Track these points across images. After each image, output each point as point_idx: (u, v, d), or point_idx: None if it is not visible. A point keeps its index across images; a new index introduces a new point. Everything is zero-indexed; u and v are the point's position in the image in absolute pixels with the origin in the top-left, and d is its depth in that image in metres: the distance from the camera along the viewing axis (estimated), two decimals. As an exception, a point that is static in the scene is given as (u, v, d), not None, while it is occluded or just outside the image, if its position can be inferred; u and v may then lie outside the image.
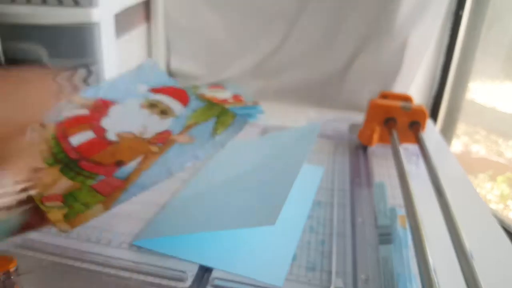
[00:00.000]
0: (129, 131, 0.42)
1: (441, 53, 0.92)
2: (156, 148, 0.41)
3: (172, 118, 0.44)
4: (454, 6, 0.88)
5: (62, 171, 0.38)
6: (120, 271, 0.41)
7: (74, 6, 0.57)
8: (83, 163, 0.39)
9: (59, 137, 0.40)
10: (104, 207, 0.36)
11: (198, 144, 0.42)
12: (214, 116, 0.46)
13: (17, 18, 0.56)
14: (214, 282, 0.40)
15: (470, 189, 0.63)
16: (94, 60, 0.60)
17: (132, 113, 0.44)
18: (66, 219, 0.35)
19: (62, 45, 0.59)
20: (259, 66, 0.94)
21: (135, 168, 0.40)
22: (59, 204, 0.36)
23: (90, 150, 0.40)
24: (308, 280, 0.41)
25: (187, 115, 0.45)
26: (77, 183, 0.38)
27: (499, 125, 1.14)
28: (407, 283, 0.40)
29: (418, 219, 0.41)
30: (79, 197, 0.37)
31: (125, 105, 0.44)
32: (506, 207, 1.07)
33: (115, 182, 0.38)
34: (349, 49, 0.88)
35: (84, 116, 0.42)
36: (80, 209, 0.36)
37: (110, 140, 0.41)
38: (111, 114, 0.43)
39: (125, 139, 0.42)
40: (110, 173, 0.39)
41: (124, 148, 0.41)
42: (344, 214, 0.52)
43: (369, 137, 0.66)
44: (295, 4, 0.86)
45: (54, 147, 0.40)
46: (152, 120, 0.44)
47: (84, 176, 0.38)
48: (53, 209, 0.35)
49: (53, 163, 0.39)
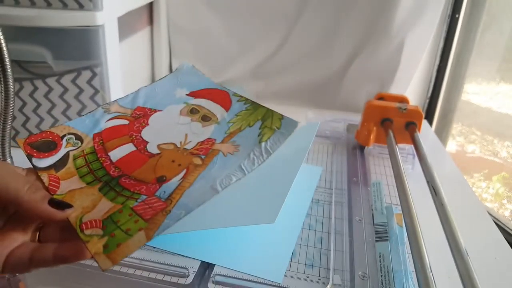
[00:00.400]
0: (169, 142, 0.38)
1: (437, 54, 0.93)
2: (198, 160, 0.37)
3: (214, 124, 0.40)
4: (450, 9, 0.89)
5: (102, 191, 0.34)
6: (123, 268, 0.41)
7: (79, 9, 0.58)
8: (123, 180, 0.35)
9: (98, 151, 0.36)
10: (146, 236, 0.31)
11: (243, 153, 0.38)
12: (258, 119, 0.40)
13: (22, 21, 0.57)
14: (215, 278, 0.41)
15: (465, 188, 0.64)
16: (98, 63, 0.61)
17: (172, 122, 0.40)
18: (106, 251, 0.30)
19: (66, 47, 0.60)
20: (259, 68, 0.95)
21: (177, 186, 0.35)
22: (99, 231, 0.31)
23: (130, 165, 0.36)
24: (307, 276, 0.42)
25: (229, 120, 0.41)
26: (117, 205, 0.33)
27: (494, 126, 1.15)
28: (403, 280, 0.40)
29: (414, 217, 0.42)
30: (120, 223, 0.32)
31: (164, 113, 0.40)
32: (501, 205, 1.08)
33: (157, 203, 0.34)
34: (347, 51, 0.89)
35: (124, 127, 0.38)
36: (122, 237, 0.31)
37: (151, 153, 0.38)
38: (152, 123, 0.39)
39: (166, 151, 0.38)
40: (152, 192, 0.35)
41: (165, 162, 0.37)
42: (342, 212, 0.53)
43: (366, 138, 0.67)
44: (294, 7, 0.87)
45: (92, 162, 0.36)
46: (193, 128, 0.40)
47: (125, 197, 0.34)
48: (93, 239, 0.30)
49: (92, 181, 0.34)
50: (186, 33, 0.93)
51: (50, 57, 0.59)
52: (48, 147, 0.35)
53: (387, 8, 0.81)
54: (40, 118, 0.64)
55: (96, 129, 0.38)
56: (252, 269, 0.42)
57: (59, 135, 0.36)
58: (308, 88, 0.94)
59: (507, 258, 0.48)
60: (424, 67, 0.94)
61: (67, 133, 0.36)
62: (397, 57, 0.85)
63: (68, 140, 0.36)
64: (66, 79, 0.62)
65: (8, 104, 0.49)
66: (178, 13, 0.90)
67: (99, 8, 0.58)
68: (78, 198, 0.33)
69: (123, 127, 0.38)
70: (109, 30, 0.61)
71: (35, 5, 0.58)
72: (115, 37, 0.64)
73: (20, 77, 0.61)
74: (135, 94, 0.41)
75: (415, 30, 0.82)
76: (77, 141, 0.36)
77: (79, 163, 0.35)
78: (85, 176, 0.35)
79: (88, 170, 0.35)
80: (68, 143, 0.36)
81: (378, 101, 0.69)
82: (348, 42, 0.88)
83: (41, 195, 0.28)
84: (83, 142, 0.36)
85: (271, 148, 0.39)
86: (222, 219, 0.46)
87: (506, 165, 1.12)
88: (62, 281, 0.41)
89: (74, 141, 0.36)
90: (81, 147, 0.36)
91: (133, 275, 0.41)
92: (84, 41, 0.59)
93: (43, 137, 0.35)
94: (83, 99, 0.63)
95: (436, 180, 0.47)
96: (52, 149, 0.35)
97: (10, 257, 0.28)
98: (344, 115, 0.80)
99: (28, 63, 0.60)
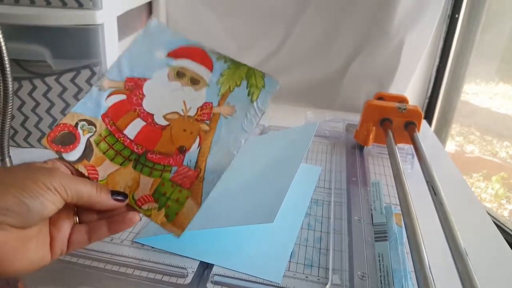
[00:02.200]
0: (173, 111, 0.40)
1: (436, 55, 0.93)
2: (205, 126, 0.39)
3: (205, 87, 0.41)
4: (450, 9, 0.89)
5: (136, 169, 0.36)
6: (122, 268, 0.42)
7: (78, 8, 0.58)
8: (150, 155, 0.37)
9: (114, 132, 0.38)
10: (195, 203, 0.35)
11: (240, 114, 0.40)
12: (243, 78, 0.42)
13: (21, 19, 0.57)
14: (214, 278, 0.41)
15: (464, 188, 0.64)
16: (97, 62, 0.61)
17: (165, 88, 0.41)
18: (169, 220, 0.34)
19: (65, 46, 0.59)
20: (258, 68, 0.95)
21: (198, 154, 0.38)
22: (154, 205, 0.35)
23: (149, 140, 0.38)
24: (306, 276, 0.42)
25: (217, 81, 0.42)
26: (156, 179, 0.36)
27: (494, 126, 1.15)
28: (402, 280, 0.40)
29: (413, 217, 0.42)
30: (167, 194, 0.35)
31: (154, 80, 0.41)
32: (500, 206, 1.08)
33: (189, 172, 0.37)
34: (346, 51, 0.89)
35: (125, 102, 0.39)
36: (176, 207, 0.35)
37: (160, 124, 0.39)
38: (147, 94, 0.40)
39: (174, 121, 0.39)
40: (180, 162, 0.37)
41: (178, 132, 0.39)
42: (341, 212, 0.53)
43: (365, 137, 0.67)
44: (294, 7, 0.87)
45: (114, 144, 0.37)
46: (187, 93, 0.41)
47: (160, 171, 0.37)
48: (152, 212, 0.34)
49: (123, 162, 0.37)
50: (186, 32, 0.92)
51: (49, 56, 0.59)
52: (70, 139, 0.36)
53: (386, 8, 0.81)
54: (39, 117, 0.64)
55: (101, 110, 0.39)
56: (251, 269, 0.42)
57: (72, 124, 0.37)
58: (308, 87, 0.94)
59: (507, 258, 0.48)
60: (424, 67, 0.94)
61: (78, 120, 0.37)
62: (397, 57, 0.85)
63: (82, 127, 0.37)
64: (65, 78, 0.62)
65: (7, 103, 0.49)
66: (178, 12, 0.90)
67: (99, 7, 0.58)
68: (120, 179, 0.36)
69: (124, 102, 0.39)
70: (108, 29, 0.61)
71: (34, 4, 0.58)
72: (114, 36, 0.64)
73: (19, 76, 0.61)
74: (117, 64, 0.41)
75: (415, 30, 0.82)
76: (90, 126, 0.37)
77: (103, 147, 0.37)
78: (114, 158, 0.37)
79: (115, 152, 0.37)
80: (84, 130, 0.37)
81: (377, 101, 0.69)
82: (348, 42, 0.88)
83: (106, 193, 0.34)
84: (96, 126, 0.38)
85: (262, 106, 0.41)
86: (221, 219, 0.46)
87: (505, 165, 1.12)
88: (62, 281, 0.41)
89: (87, 127, 0.37)
90: (97, 131, 0.37)
91: (132, 275, 0.41)
92: (84, 40, 0.59)
93: (59, 130, 0.36)
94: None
95: (436, 180, 0.47)
96: (73, 140, 0.36)
97: (70, 239, 0.34)
98: (343, 115, 0.80)
99: (27, 62, 0.60)
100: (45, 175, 0.30)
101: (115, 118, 0.39)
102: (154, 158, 0.37)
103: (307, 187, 0.58)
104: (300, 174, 0.47)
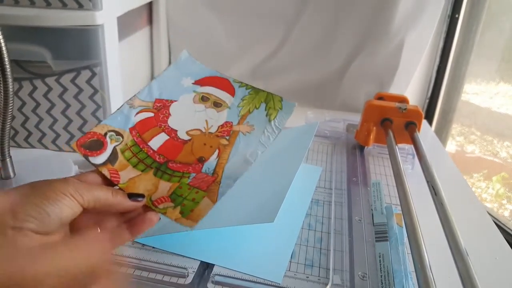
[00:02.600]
0: (195, 128, 0.44)
1: (436, 55, 0.93)
2: (225, 141, 0.43)
3: (227, 109, 0.45)
4: (450, 9, 0.89)
5: (157, 175, 0.39)
6: (122, 268, 0.42)
7: (78, 8, 0.58)
8: (170, 164, 0.40)
9: (139, 143, 0.41)
10: (211, 200, 0.38)
11: (258, 131, 0.44)
12: (262, 102, 0.46)
13: (21, 20, 0.57)
14: (214, 278, 0.41)
15: (465, 188, 0.64)
16: (98, 62, 0.61)
17: (189, 109, 0.45)
18: (184, 216, 0.36)
19: (65, 47, 0.59)
20: (258, 68, 0.95)
21: (216, 163, 0.41)
22: (170, 204, 0.37)
23: (171, 151, 0.41)
24: (306, 276, 0.42)
25: (237, 104, 0.46)
26: (175, 183, 0.39)
27: (494, 126, 1.15)
28: (403, 280, 0.41)
29: (413, 217, 0.42)
30: (184, 196, 0.38)
31: (180, 102, 0.45)
32: (500, 206, 1.08)
33: (207, 177, 0.40)
34: (346, 51, 0.89)
35: (152, 119, 0.43)
36: (191, 205, 0.37)
37: (183, 139, 0.42)
38: (173, 113, 0.44)
39: (196, 136, 0.43)
40: (198, 170, 0.40)
41: (199, 145, 0.42)
42: (341, 212, 0.53)
43: (365, 137, 0.67)
44: (294, 7, 0.87)
45: (138, 153, 0.40)
46: (209, 114, 0.45)
47: (178, 177, 0.39)
48: (168, 210, 0.36)
49: (145, 169, 0.39)
50: (186, 32, 0.93)
51: (49, 56, 0.59)
52: (97, 146, 0.39)
53: (386, 8, 0.81)
54: (40, 117, 0.64)
55: (129, 124, 0.42)
56: (251, 269, 0.42)
57: (101, 133, 0.40)
58: (308, 88, 0.94)
59: (507, 258, 0.48)
60: (424, 67, 0.94)
61: (107, 130, 0.40)
62: (397, 57, 0.85)
63: (111, 137, 0.40)
64: (66, 78, 0.62)
65: (7, 103, 0.49)
66: (178, 12, 0.90)
67: (99, 7, 0.58)
68: (140, 184, 0.38)
69: (151, 119, 0.43)
70: (108, 30, 0.61)
71: (34, 5, 0.58)
72: (114, 36, 0.64)
73: (20, 77, 0.61)
74: (149, 87, 0.45)
75: (415, 30, 0.82)
76: (118, 136, 0.40)
77: (128, 155, 0.40)
78: (137, 165, 0.39)
79: (138, 160, 0.40)
80: (111, 140, 0.40)
81: (377, 101, 0.69)
82: (348, 42, 0.88)
83: (122, 195, 0.35)
84: (124, 137, 0.41)
85: (279, 124, 0.45)
86: (222, 219, 0.46)
87: (506, 165, 1.12)
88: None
89: (115, 137, 0.40)
90: (124, 141, 0.40)
91: (133, 275, 0.41)
92: (84, 41, 0.59)
93: (89, 137, 0.39)
94: (83, 98, 0.63)
95: (436, 180, 0.48)
96: (100, 147, 0.39)
97: None
98: (343, 115, 0.80)
99: (28, 62, 0.60)
100: (61, 183, 0.31)
101: (141, 131, 0.42)
102: (174, 167, 0.40)
103: (307, 187, 0.58)
104: (301, 174, 0.47)
